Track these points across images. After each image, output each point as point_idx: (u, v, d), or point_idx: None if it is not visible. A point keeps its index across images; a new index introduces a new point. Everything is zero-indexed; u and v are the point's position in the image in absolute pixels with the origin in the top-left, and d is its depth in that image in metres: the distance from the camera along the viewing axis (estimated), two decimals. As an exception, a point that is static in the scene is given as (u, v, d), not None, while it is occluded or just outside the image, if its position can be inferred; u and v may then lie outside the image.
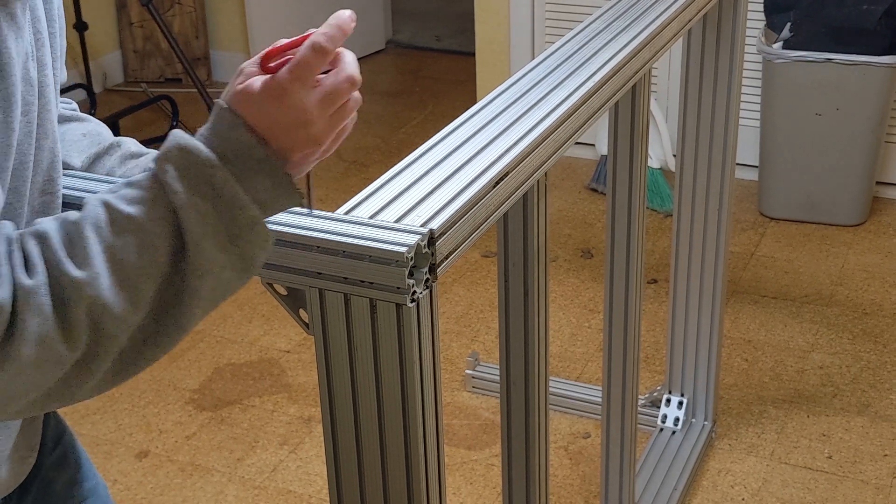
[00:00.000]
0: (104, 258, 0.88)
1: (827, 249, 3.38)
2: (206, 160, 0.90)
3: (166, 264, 0.90)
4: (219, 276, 0.91)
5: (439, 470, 1.17)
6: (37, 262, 0.87)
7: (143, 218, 0.89)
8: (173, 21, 4.74)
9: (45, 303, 0.85)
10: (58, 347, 0.86)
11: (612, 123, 1.81)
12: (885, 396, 2.71)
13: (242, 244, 0.91)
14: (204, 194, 0.90)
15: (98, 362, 0.89)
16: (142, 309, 0.89)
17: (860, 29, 3.27)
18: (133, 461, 2.60)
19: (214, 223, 0.90)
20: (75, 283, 0.86)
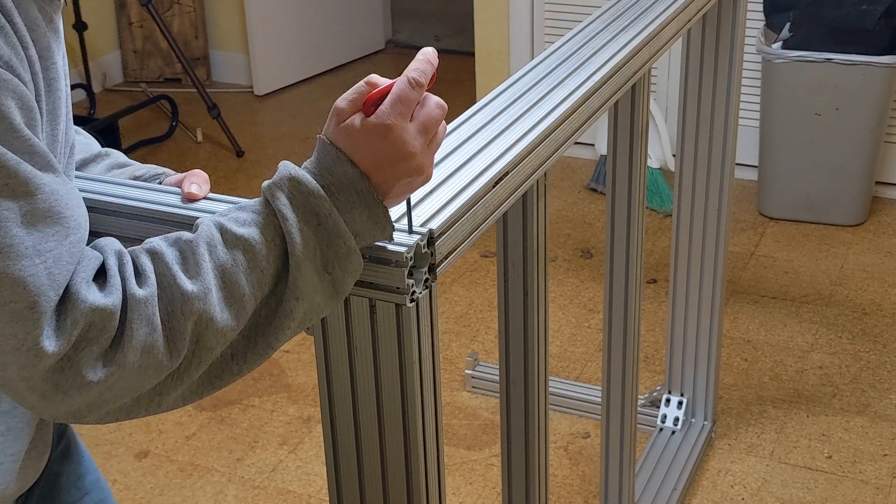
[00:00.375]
0: (215, 275, 0.93)
1: (826, 249, 3.38)
2: (314, 191, 0.96)
3: (269, 285, 0.96)
4: (312, 299, 0.98)
5: (439, 470, 1.17)
6: (149, 274, 0.92)
7: (254, 240, 0.95)
8: (173, 21, 4.74)
9: (155, 313, 0.90)
10: (161, 357, 0.91)
11: (612, 123, 1.81)
12: (884, 396, 2.71)
13: (336, 272, 0.98)
14: (309, 222, 0.96)
15: (190, 373, 0.95)
16: (241, 326, 0.96)
17: (859, 29, 3.27)
18: (133, 461, 2.60)
19: (314, 250, 0.96)
20: (187, 296, 0.92)
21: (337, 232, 0.96)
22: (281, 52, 4.74)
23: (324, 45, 4.90)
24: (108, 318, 0.89)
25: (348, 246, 0.97)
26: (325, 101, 4.67)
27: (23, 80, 0.89)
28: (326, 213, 0.96)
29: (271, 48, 4.70)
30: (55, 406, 0.91)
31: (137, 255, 0.94)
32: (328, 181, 0.97)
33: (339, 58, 5.00)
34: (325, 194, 0.96)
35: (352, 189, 0.97)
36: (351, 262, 0.98)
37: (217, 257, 0.94)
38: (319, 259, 0.97)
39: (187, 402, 0.98)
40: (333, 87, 4.81)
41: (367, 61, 5.10)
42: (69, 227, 0.90)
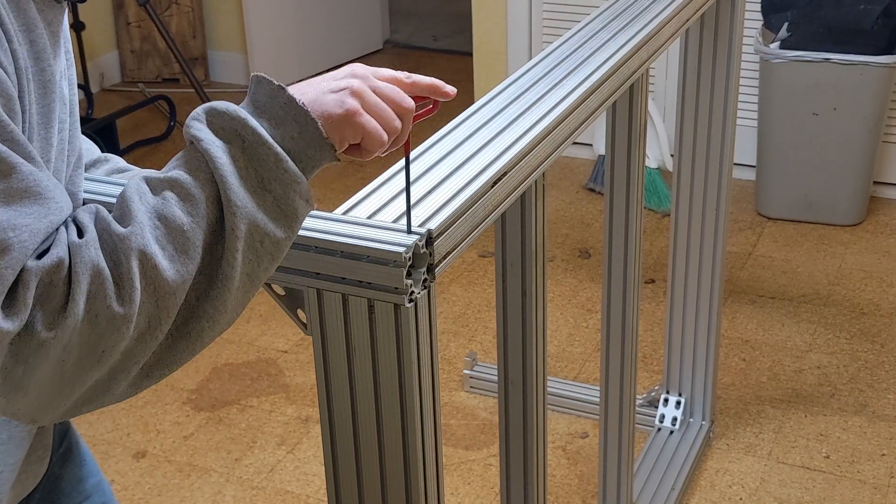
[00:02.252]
0: (147, 215, 0.91)
1: (824, 249, 3.38)
2: (231, 111, 0.95)
3: (208, 209, 0.93)
4: (254, 217, 0.93)
5: (437, 470, 1.17)
6: (87, 224, 0.90)
7: (178, 174, 0.93)
8: (171, 21, 4.74)
9: (98, 256, 0.88)
10: (112, 302, 0.87)
11: (610, 123, 1.81)
12: (882, 396, 2.71)
13: (275, 187, 0.94)
14: (231, 141, 0.94)
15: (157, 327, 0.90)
16: (194, 258, 0.91)
17: (857, 29, 3.27)
18: (131, 461, 2.59)
19: (244, 167, 0.94)
20: (121, 236, 0.89)
21: (261, 141, 0.94)
22: (279, 52, 4.74)
23: (322, 45, 4.90)
24: (54, 273, 0.86)
25: (276, 153, 0.94)
26: (323, 101, 4.66)
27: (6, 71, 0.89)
28: (244, 125, 0.94)
29: (269, 48, 4.70)
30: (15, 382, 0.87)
31: (77, 212, 0.92)
32: (248, 101, 0.97)
33: (338, 58, 5.00)
34: (244, 113, 0.95)
35: (273, 103, 0.96)
36: (285, 171, 0.94)
37: (146, 202, 0.92)
38: (253, 177, 0.94)
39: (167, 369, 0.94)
40: (331, 87, 4.80)
41: (365, 61, 5.07)
42: (49, 208, 0.88)
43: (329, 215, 1.10)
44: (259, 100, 0.97)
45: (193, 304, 0.92)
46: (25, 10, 0.93)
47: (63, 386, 0.89)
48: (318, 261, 1.06)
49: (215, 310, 0.93)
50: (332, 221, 1.08)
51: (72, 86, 1.05)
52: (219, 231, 0.93)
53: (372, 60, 5.11)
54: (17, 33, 0.92)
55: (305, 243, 1.07)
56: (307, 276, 1.09)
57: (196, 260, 0.92)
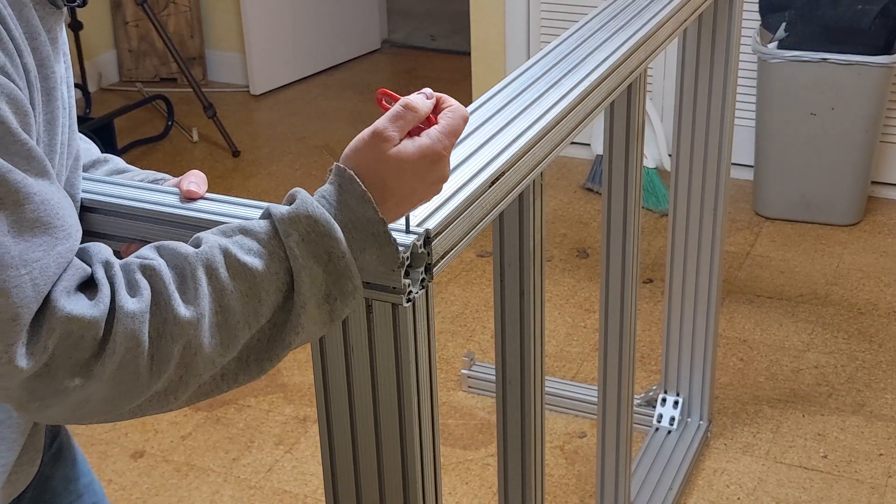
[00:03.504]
0: (211, 299, 0.91)
1: (822, 249, 3.38)
2: (330, 233, 0.95)
3: (266, 316, 0.95)
4: (309, 330, 0.97)
5: (435, 470, 1.17)
6: (143, 290, 0.90)
7: (258, 271, 0.94)
8: (168, 20, 4.73)
9: (143, 330, 0.89)
10: (142, 374, 0.90)
11: (608, 123, 1.81)
12: (879, 396, 2.71)
13: (337, 305, 0.98)
14: (319, 260, 0.95)
15: (177, 395, 0.93)
16: (231, 354, 0.94)
17: (855, 29, 3.27)
18: (128, 461, 2.59)
19: (320, 285, 0.96)
20: (179, 319, 0.90)
21: (347, 273, 0.97)
22: (277, 52, 4.74)
23: (320, 44, 4.90)
24: (88, 328, 0.87)
25: (355, 285, 0.98)
26: (322, 100, 4.67)
27: (18, 87, 0.89)
28: (340, 255, 0.96)
29: (267, 48, 4.70)
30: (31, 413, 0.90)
31: (132, 268, 0.91)
32: (346, 218, 0.97)
33: (335, 57, 5.00)
34: (341, 237, 0.96)
35: (368, 231, 0.97)
36: (354, 298, 0.99)
37: (216, 282, 0.92)
38: (322, 292, 0.96)
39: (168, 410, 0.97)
40: (329, 86, 4.81)
41: (363, 61, 5.10)
42: (58, 238, 0.88)
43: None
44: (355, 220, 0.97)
45: (218, 381, 0.96)
46: (28, 20, 0.93)
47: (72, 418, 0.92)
48: (316, 260, 1.06)
49: (230, 387, 0.97)
50: (330, 221, 1.08)
51: (69, 88, 1.05)
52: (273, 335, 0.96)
53: (369, 60, 5.11)
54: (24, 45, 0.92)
55: (303, 243, 1.07)
56: (305, 276, 1.08)
57: (234, 353, 0.94)
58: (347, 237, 0.96)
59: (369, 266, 0.99)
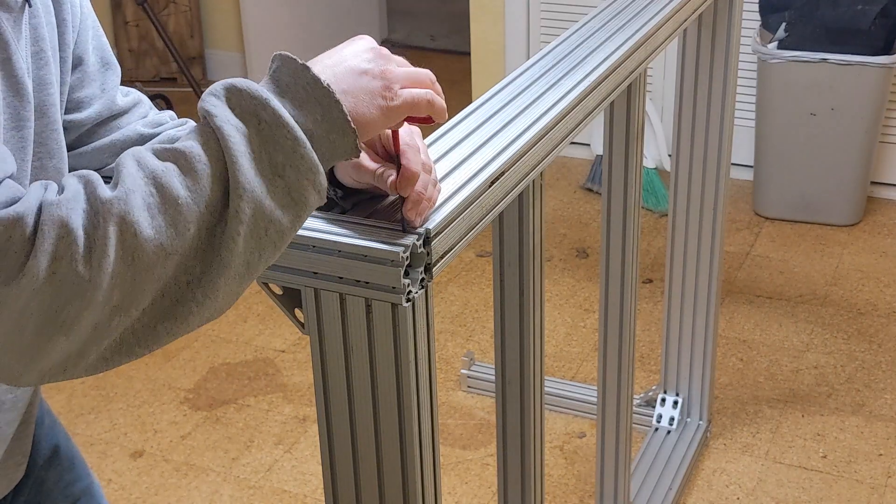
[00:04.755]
0: (143, 180, 0.84)
1: (822, 249, 3.38)
2: (249, 87, 0.88)
3: (210, 187, 0.86)
4: (261, 202, 0.87)
5: (434, 470, 1.17)
6: (70, 186, 0.83)
7: (185, 146, 0.86)
8: (168, 20, 4.73)
9: (70, 216, 0.80)
10: (79, 268, 0.80)
11: (608, 123, 1.81)
12: (879, 396, 2.71)
13: (289, 173, 0.88)
14: (247, 120, 0.88)
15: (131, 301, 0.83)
16: (182, 234, 0.84)
17: (855, 29, 3.27)
18: (128, 461, 2.59)
19: (258, 149, 0.87)
20: (104, 200, 0.82)
21: (279, 123, 0.88)
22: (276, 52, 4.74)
23: (319, 44, 4.89)
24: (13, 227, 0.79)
25: (296, 137, 0.88)
26: (321, 100, 4.67)
27: None
28: (263, 105, 0.88)
29: (267, 47, 4.70)
30: None
31: (67, 177, 0.85)
32: (272, 84, 0.91)
33: (335, 57, 4.99)
34: (266, 93, 0.88)
35: (299, 84, 0.90)
36: (304, 159, 0.88)
37: (145, 166, 0.85)
38: (266, 161, 0.87)
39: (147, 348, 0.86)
40: (329, 86, 4.81)
41: (362, 61, 5.09)
42: None
43: (327, 214, 1.10)
44: (281, 79, 0.91)
45: (183, 287, 0.85)
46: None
47: (24, 350, 0.82)
48: (316, 260, 1.06)
49: (205, 296, 0.86)
50: (329, 221, 1.08)
51: (47, 86, 1.02)
52: (220, 212, 0.86)
53: (370, 60, 5.11)
54: None
55: (303, 242, 1.07)
56: (305, 276, 1.08)
57: (187, 238, 0.84)
58: (278, 95, 0.90)
59: (315, 127, 0.90)
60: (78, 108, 1.16)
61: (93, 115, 1.17)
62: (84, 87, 1.16)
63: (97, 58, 1.16)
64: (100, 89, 1.17)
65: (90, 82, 1.16)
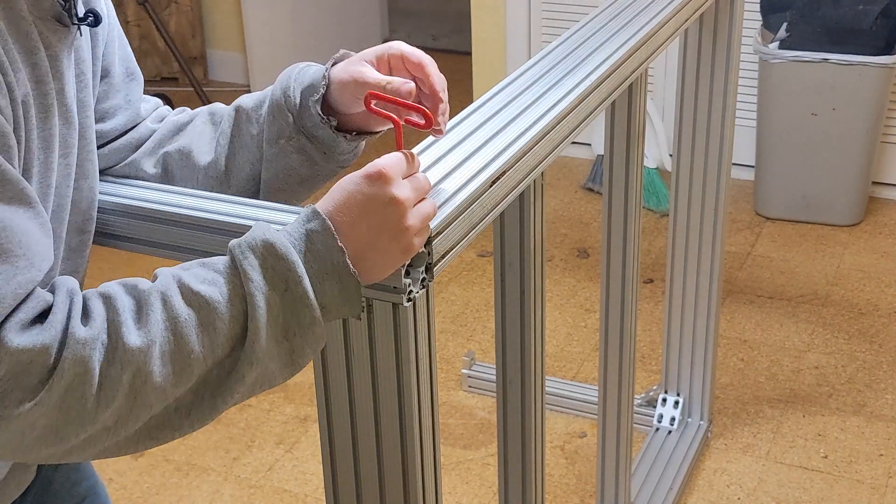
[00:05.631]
0: (164, 327, 0.89)
1: (823, 249, 3.38)
2: (286, 256, 0.92)
3: (222, 348, 0.91)
4: (266, 365, 0.93)
5: (435, 469, 1.17)
6: (96, 317, 0.88)
7: (212, 298, 0.91)
8: (170, 20, 4.73)
9: (92, 356, 0.86)
10: (88, 402, 0.86)
11: (609, 123, 1.81)
12: (880, 396, 2.71)
13: (296, 341, 0.94)
14: (276, 287, 0.92)
15: (127, 426, 0.90)
16: (184, 386, 0.91)
17: (856, 29, 3.27)
18: (129, 460, 2.59)
19: (277, 315, 0.92)
20: (128, 347, 0.87)
21: (304, 301, 0.93)
22: (278, 52, 4.74)
23: (321, 44, 4.90)
24: (39, 355, 0.85)
25: (313, 317, 0.94)
26: (322, 100, 4.67)
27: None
28: (296, 280, 0.92)
29: (268, 47, 4.70)
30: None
31: (89, 297, 0.90)
32: (304, 248, 0.94)
33: (336, 57, 5.00)
34: (298, 260, 0.93)
35: (328, 261, 0.94)
36: (314, 332, 0.94)
37: (170, 310, 0.90)
38: (280, 326, 0.93)
39: (124, 453, 0.93)
40: (330, 86, 4.80)
41: (363, 60, 5.09)
42: (18, 267, 0.86)
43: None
44: (314, 246, 0.94)
45: (171, 413, 0.92)
46: (27, 34, 0.92)
47: (17, 450, 0.89)
48: (317, 260, 1.06)
49: (189, 426, 0.93)
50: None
51: (86, 108, 1.03)
52: (225, 367, 0.92)
53: (371, 60, 5.11)
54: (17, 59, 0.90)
55: (304, 242, 1.07)
56: (306, 276, 1.08)
57: (187, 386, 0.91)
58: (306, 266, 0.93)
59: (331, 303, 0.95)
60: (103, 118, 1.16)
61: (118, 127, 1.19)
62: (109, 97, 1.16)
63: (123, 68, 1.17)
64: (125, 100, 1.18)
65: (115, 93, 1.17)
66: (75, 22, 0.98)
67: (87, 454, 0.91)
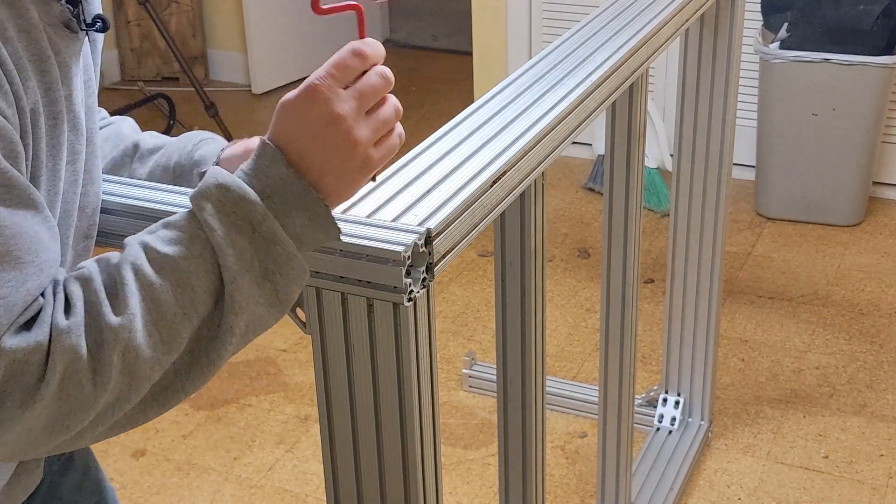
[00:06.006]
0: (141, 298, 0.88)
1: (823, 249, 3.38)
2: (244, 197, 0.90)
3: (204, 303, 0.90)
4: (253, 311, 0.92)
5: (436, 469, 1.17)
6: (76, 303, 0.88)
7: (180, 257, 0.89)
8: (170, 20, 4.73)
9: (80, 343, 0.86)
10: (86, 387, 0.86)
11: (610, 123, 1.81)
12: (881, 396, 2.71)
13: (278, 279, 0.92)
14: (241, 230, 0.90)
15: (130, 400, 0.89)
16: (177, 349, 0.90)
17: (857, 29, 3.27)
18: (130, 460, 2.59)
19: (251, 259, 0.91)
20: (111, 326, 0.87)
21: (274, 237, 0.91)
22: (279, 51, 4.74)
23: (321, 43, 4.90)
24: (33, 353, 0.85)
25: (287, 251, 0.92)
26: (323, 100, 4.67)
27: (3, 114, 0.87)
28: (260, 218, 0.90)
29: (269, 47, 4.70)
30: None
31: (69, 280, 0.90)
32: (262, 184, 0.91)
33: (337, 57, 4.99)
34: (257, 198, 0.90)
35: (287, 191, 0.91)
36: (292, 268, 0.92)
37: (143, 279, 0.89)
38: (258, 268, 0.91)
39: (134, 425, 0.93)
40: (331, 86, 4.80)
41: (364, 60, 5.09)
42: (27, 274, 0.86)
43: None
44: (272, 181, 0.92)
45: (171, 378, 0.91)
46: (38, 41, 0.92)
47: (28, 445, 0.89)
48: (318, 259, 1.06)
49: (192, 385, 0.93)
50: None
51: (93, 113, 1.03)
52: (214, 321, 0.91)
53: (371, 59, 5.11)
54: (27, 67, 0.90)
55: (304, 242, 1.07)
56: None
57: (180, 349, 0.90)
58: (266, 200, 0.91)
59: (303, 233, 0.93)
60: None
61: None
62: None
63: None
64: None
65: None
66: (84, 28, 0.98)
67: (98, 433, 0.91)
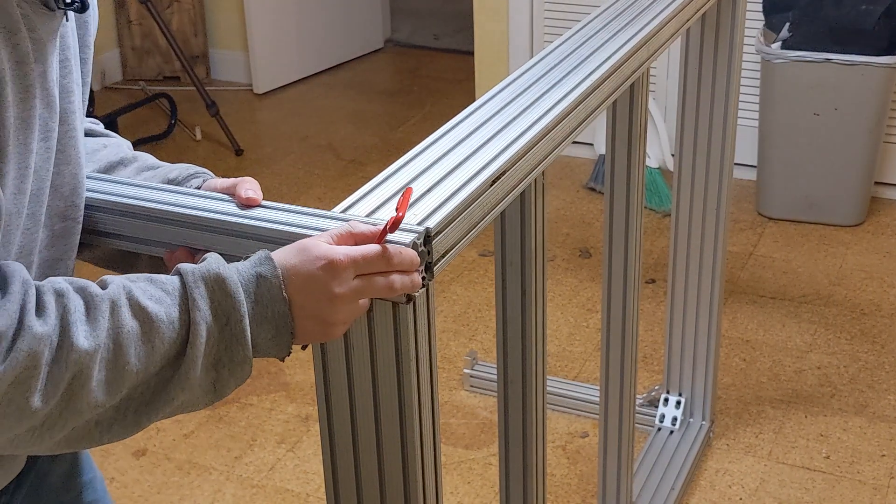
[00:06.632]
0: (107, 335, 0.91)
1: (825, 249, 3.38)
2: (234, 296, 0.96)
3: (154, 365, 0.94)
4: (194, 391, 0.96)
5: (436, 469, 1.17)
6: (51, 313, 0.89)
7: (157, 316, 0.94)
8: (172, 19, 4.73)
9: (44, 353, 0.88)
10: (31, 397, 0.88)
11: (611, 122, 1.81)
12: (882, 397, 2.71)
13: (223, 373, 0.97)
14: (218, 319, 0.96)
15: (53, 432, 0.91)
16: (112, 397, 0.93)
17: (859, 29, 3.27)
18: (130, 459, 2.59)
19: (213, 346, 0.96)
20: (77, 352, 0.89)
21: (240, 339, 0.97)
22: (280, 51, 4.74)
23: (323, 43, 4.90)
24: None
25: (245, 355, 0.97)
26: (324, 99, 4.67)
27: None
28: (238, 319, 0.96)
29: (270, 46, 4.70)
30: None
31: (45, 289, 0.91)
32: (252, 289, 0.97)
33: (339, 56, 5.00)
34: (244, 300, 0.96)
35: (270, 306, 0.98)
36: (242, 369, 0.98)
37: (116, 318, 0.92)
38: (213, 356, 0.96)
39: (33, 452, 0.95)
40: (332, 85, 4.81)
41: (366, 60, 5.10)
42: None
43: (328, 213, 1.10)
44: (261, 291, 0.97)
45: (91, 427, 0.94)
46: (9, 14, 0.93)
47: None
48: (318, 259, 1.06)
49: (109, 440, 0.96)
50: (330, 220, 1.08)
51: (69, 93, 1.04)
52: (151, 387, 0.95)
53: (372, 59, 5.11)
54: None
55: (304, 241, 1.06)
56: (306, 275, 1.08)
57: (114, 399, 0.93)
58: (249, 307, 0.97)
59: (262, 344, 0.99)
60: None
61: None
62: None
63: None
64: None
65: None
66: (61, 7, 0.99)
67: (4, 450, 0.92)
